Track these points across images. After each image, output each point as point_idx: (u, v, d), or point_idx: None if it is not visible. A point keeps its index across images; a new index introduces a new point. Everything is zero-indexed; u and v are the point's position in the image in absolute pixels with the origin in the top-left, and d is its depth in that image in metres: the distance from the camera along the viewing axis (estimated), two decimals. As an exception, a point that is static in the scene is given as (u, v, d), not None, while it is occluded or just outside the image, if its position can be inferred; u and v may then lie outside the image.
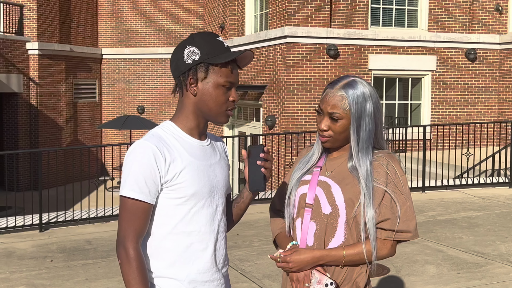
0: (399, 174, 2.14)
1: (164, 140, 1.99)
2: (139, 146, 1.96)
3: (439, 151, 11.21)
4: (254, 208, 8.74)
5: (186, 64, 2.00)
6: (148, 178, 1.93)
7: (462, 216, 8.05)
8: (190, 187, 1.99)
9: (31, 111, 17.64)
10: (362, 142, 2.14)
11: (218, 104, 2.02)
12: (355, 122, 2.13)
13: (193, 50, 1.99)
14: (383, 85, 13.89)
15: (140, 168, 1.93)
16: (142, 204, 1.95)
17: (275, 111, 13.33)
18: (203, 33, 2.05)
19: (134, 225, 1.94)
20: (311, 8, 12.84)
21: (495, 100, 14.41)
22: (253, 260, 6.18)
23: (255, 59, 14.48)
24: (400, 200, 2.11)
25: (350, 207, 2.12)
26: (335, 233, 2.14)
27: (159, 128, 2.05)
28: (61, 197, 9.47)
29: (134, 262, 1.91)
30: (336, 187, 2.15)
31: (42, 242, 7.43)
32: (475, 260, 6.00)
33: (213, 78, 2.00)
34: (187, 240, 2.02)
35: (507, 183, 10.28)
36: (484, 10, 14.17)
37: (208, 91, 2.01)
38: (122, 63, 20.83)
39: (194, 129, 2.07)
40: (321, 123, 2.17)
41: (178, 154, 1.99)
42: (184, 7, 20.35)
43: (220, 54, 2.00)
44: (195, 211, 2.02)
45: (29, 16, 17.68)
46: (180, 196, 1.99)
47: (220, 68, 2.00)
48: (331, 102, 2.14)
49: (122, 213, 1.97)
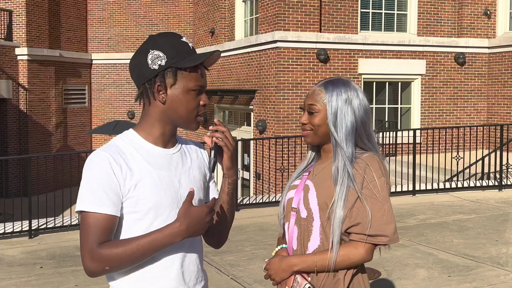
0: (376, 177, 2.06)
1: (122, 150, 1.85)
2: (94, 156, 1.83)
3: (429, 155, 11.25)
4: (245, 213, 8.72)
5: (152, 70, 1.84)
6: (107, 188, 1.78)
7: (452, 219, 8.07)
8: (148, 199, 1.83)
9: (21, 117, 17.54)
10: (341, 137, 2.10)
11: (189, 110, 1.88)
12: (331, 115, 2.12)
13: (158, 54, 1.83)
14: (373, 89, 13.94)
15: (97, 178, 1.79)
16: (105, 217, 1.77)
17: (266, 116, 13.33)
18: (166, 34, 1.89)
19: (97, 237, 1.75)
20: (301, 13, 12.88)
21: (484, 103, 14.50)
22: (244, 265, 6.17)
23: (246, 63, 14.49)
24: (376, 204, 2.04)
25: (323, 210, 2.09)
26: (311, 237, 2.13)
27: (118, 138, 1.90)
28: (50, 203, 9.41)
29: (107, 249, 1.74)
30: (312, 191, 2.14)
31: (32, 249, 7.37)
32: (465, 263, 6.01)
33: (182, 83, 1.85)
34: (150, 258, 1.83)
35: (496, 186, 10.33)
36: (473, 15, 14.27)
37: (178, 97, 1.86)
38: (112, 68, 20.78)
39: (159, 137, 1.91)
40: (302, 117, 2.21)
41: (135, 164, 1.84)
42: (175, 12, 20.35)
43: (187, 57, 1.85)
44: (157, 226, 1.83)
45: (19, 21, 17.61)
46: (138, 210, 1.83)
47: (189, 72, 1.85)
48: (310, 95, 2.18)
49: (83, 229, 1.77)
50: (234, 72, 15.16)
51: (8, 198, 14.79)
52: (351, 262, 2.06)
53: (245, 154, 13.42)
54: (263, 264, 2.36)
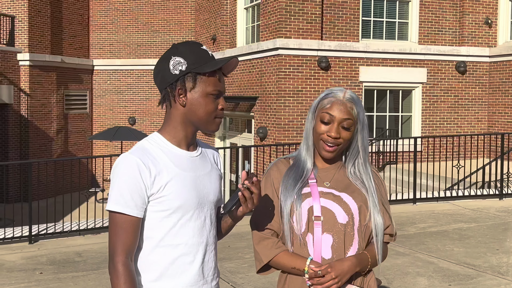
0: (382, 182, 2.28)
1: (150, 153, 1.98)
2: (124, 159, 1.95)
3: (430, 163, 11.25)
4: (245, 220, 8.71)
5: (173, 75, 1.98)
6: (133, 192, 1.92)
7: (453, 228, 8.06)
8: (176, 199, 1.96)
9: (22, 122, 17.55)
10: (364, 147, 2.22)
11: (208, 113, 2.00)
12: (363, 128, 2.20)
13: (179, 60, 1.97)
14: (374, 97, 13.95)
15: (125, 181, 1.92)
16: (129, 218, 1.92)
17: (267, 123, 13.34)
18: (187, 43, 2.03)
19: (122, 240, 1.92)
20: (303, 20, 12.91)
21: (485, 112, 14.51)
22: (245, 272, 6.16)
23: (247, 70, 14.51)
24: (387, 206, 2.25)
25: (362, 214, 2.17)
26: (353, 242, 2.16)
27: (145, 141, 2.03)
28: (51, 208, 9.41)
29: (122, 277, 1.88)
30: (346, 196, 2.18)
31: (32, 254, 7.36)
32: (466, 272, 6.00)
33: (201, 87, 1.98)
34: (174, 253, 1.99)
35: (497, 195, 10.32)
36: (474, 23, 14.30)
37: (198, 101, 1.99)
38: (113, 74, 20.81)
39: (182, 140, 2.04)
40: (331, 131, 2.15)
41: (164, 166, 1.97)
42: (176, 18, 20.40)
43: (206, 63, 1.99)
44: (182, 224, 1.99)
45: (21, 27, 17.65)
46: (165, 209, 1.96)
47: (208, 77, 1.98)
48: (344, 110, 2.15)
49: (111, 227, 1.95)
50: (235, 79, 15.18)
51: (8, 204, 14.78)
52: (385, 257, 2.26)
53: (245, 161, 13.43)
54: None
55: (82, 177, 18.40)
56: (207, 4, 17.90)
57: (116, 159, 2.03)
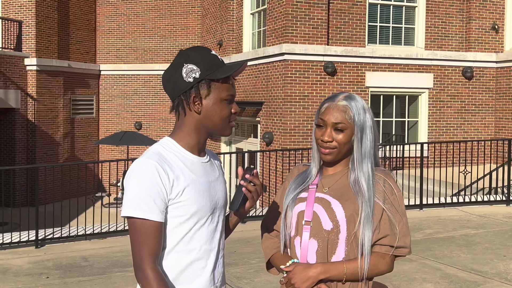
0: (395, 191, 2.16)
1: (165, 158, 1.96)
2: (142, 164, 1.92)
3: (437, 169, 11.21)
4: (251, 225, 8.70)
5: (187, 82, 1.97)
6: (155, 196, 1.89)
7: (459, 234, 8.03)
8: (193, 205, 1.96)
9: (29, 126, 17.62)
10: (365, 153, 2.16)
11: (223, 118, 2.01)
12: (359, 132, 2.15)
13: (192, 67, 1.96)
14: (380, 102, 13.94)
15: (145, 186, 1.88)
16: (153, 223, 1.89)
17: (273, 128, 13.34)
18: (197, 49, 2.02)
19: (148, 246, 1.88)
20: (309, 25, 12.92)
21: (492, 118, 14.46)
22: (251, 277, 6.15)
23: (253, 75, 14.53)
24: (397, 218, 2.14)
25: (351, 223, 2.12)
26: (336, 250, 2.13)
27: (159, 145, 2.01)
28: (57, 213, 9.43)
29: (155, 283, 1.84)
30: (336, 203, 2.15)
31: (38, 259, 7.38)
32: (473, 279, 5.97)
33: (216, 94, 1.99)
34: (188, 258, 1.99)
35: (504, 201, 10.27)
36: (481, 29, 14.28)
37: (213, 107, 1.99)
38: (120, 79, 20.88)
39: (194, 146, 2.04)
40: (324, 135, 2.16)
41: (180, 172, 1.96)
42: (182, 24, 20.46)
43: (219, 69, 1.98)
44: (197, 229, 1.99)
45: (28, 32, 17.74)
46: (182, 214, 1.96)
47: (222, 83, 1.99)
48: (335, 113, 2.15)
49: (134, 235, 1.89)
50: (241, 84, 15.20)
51: (15, 208, 14.83)
52: (379, 271, 2.14)
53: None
54: (270, 276, 2.35)
55: (89, 181, 18.43)
56: (213, 9, 17.95)
57: (124, 163, 2.02)
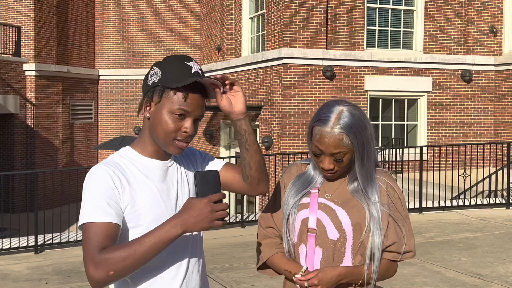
0: (398, 194, 2.12)
1: (120, 165, 1.86)
2: (95, 170, 1.82)
3: (436, 172, 11.21)
4: (251, 230, 8.69)
5: (147, 85, 1.88)
6: (110, 200, 1.76)
7: (459, 237, 8.02)
8: (149, 212, 1.83)
9: (28, 132, 17.62)
10: (368, 167, 2.10)
11: (166, 132, 1.83)
12: (360, 153, 2.06)
13: (156, 71, 1.86)
14: (379, 106, 13.94)
15: (99, 191, 1.77)
16: (108, 224, 1.73)
17: (272, 132, 13.34)
18: (174, 56, 1.89)
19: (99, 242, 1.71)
20: (307, 30, 12.94)
21: (491, 121, 14.47)
22: (250, 282, 6.13)
23: (252, 80, 14.54)
24: (401, 222, 2.11)
25: (357, 232, 2.07)
26: (343, 259, 2.09)
27: (116, 154, 1.91)
28: (57, 218, 9.41)
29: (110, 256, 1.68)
30: (341, 211, 2.09)
31: (38, 264, 7.36)
32: (473, 282, 5.96)
33: (164, 103, 1.83)
34: (155, 269, 1.85)
35: (504, 204, 10.27)
36: (479, 32, 14.30)
37: (157, 116, 1.84)
38: (118, 84, 20.89)
39: (153, 151, 1.91)
40: (324, 163, 2.08)
41: (133, 179, 1.85)
42: (181, 28, 20.48)
43: (179, 79, 1.82)
44: None
45: (27, 37, 17.76)
46: (141, 224, 1.82)
47: (175, 93, 1.82)
48: (332, 144, 2.02)
49: (85, 240, 1.73)
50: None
51: (14, 213, 14.80)
52: (388, 276, 2.15)
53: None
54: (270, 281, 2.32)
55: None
56: (212, 14, 17.97)
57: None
